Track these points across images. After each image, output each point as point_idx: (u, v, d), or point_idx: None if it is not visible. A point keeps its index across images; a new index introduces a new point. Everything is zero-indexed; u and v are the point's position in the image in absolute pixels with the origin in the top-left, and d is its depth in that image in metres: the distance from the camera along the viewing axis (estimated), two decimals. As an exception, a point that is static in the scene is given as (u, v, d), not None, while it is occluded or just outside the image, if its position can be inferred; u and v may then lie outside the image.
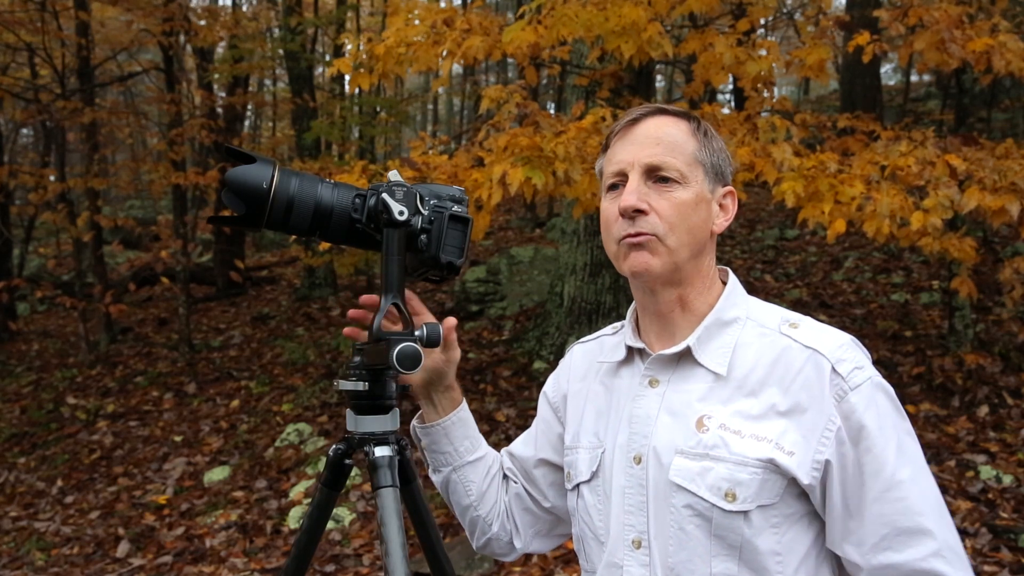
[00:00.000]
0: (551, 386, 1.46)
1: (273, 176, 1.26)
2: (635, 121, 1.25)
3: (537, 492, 1.47)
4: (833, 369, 1.16)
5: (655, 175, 1.21)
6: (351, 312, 1.40)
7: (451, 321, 1.38)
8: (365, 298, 1.39)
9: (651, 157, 1.21)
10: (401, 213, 1.27)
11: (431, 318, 1.37)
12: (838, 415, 1.15)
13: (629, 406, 1.26)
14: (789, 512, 1.17)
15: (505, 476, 1.51)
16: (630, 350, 1.31)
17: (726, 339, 1.23)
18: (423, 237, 1.31)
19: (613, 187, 1.25)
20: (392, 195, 1.28)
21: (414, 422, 1.50)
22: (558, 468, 1.42)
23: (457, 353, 1.44)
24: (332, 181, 1.32)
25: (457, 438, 1.45)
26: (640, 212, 1.19)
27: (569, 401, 1.40)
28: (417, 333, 1.26)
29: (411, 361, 1.21)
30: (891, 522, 1.15)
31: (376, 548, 4.32)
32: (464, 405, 1.47)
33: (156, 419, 7.05)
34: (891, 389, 1.20)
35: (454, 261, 1.32)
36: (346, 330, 1.41)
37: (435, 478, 1.50)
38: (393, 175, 1.31)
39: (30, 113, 9.68)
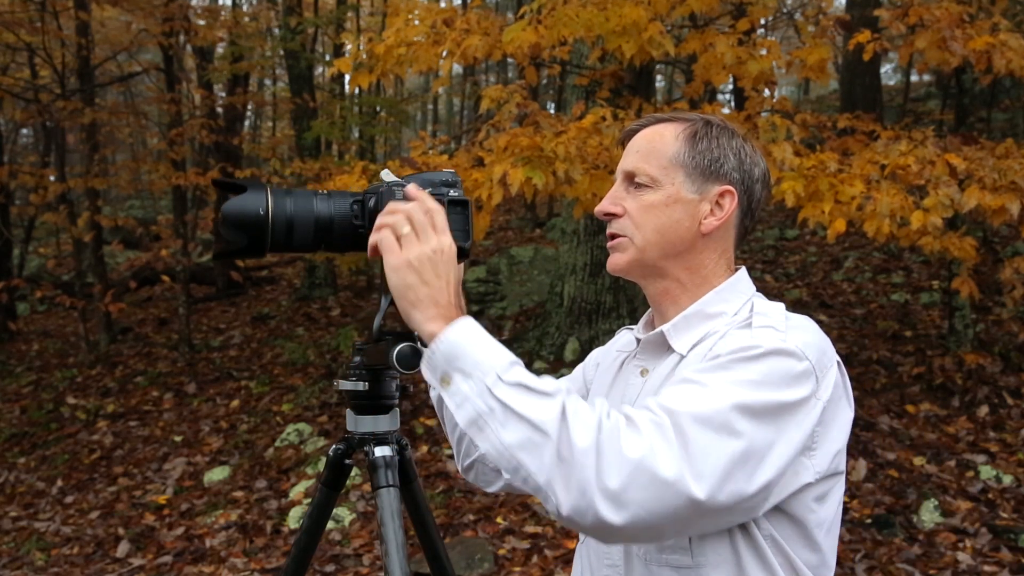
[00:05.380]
0: (591, 356, 1.52)
1: (267, 200, 1.26)
2: (629, 134, 1.36)
3: None
4: (748, 322, 1.18)
5: (632, 181, 1.30)
6: None
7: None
8: None
9: (627, 165, 1.31)
10: (403, 212, 1.27)
11: None
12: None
13: (623, 389, 1.34)
14: None
15: None
16: (638, 342, 1.37)
17: (702, 329, 1.25)
18: None
19: None
20: (393, 195, 1.28)
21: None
22: None
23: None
24: (325, 192, 1.31)
25: None
26: (611, 215, 1.30)
27: (597, 373, 1.47)
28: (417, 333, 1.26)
29: (411, 361, 1.21)
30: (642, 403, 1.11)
31: (376, 548, 4.32)
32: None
33: (156, 419, 7.04)
34: (791, 371, 1.09)
35: (462, 245, 1.31)
36: None
37: (433, 395, 1.46)
38: (386, 175, 1.30)
39: (30, 113, 9.67)
